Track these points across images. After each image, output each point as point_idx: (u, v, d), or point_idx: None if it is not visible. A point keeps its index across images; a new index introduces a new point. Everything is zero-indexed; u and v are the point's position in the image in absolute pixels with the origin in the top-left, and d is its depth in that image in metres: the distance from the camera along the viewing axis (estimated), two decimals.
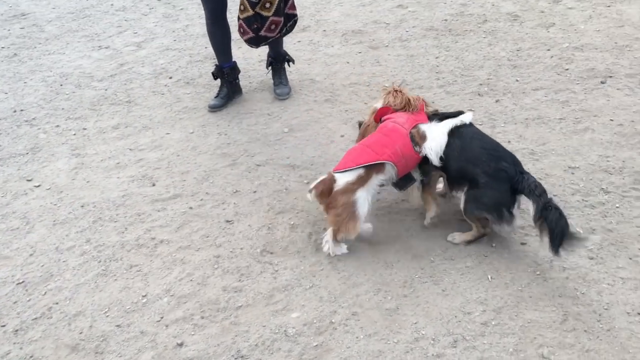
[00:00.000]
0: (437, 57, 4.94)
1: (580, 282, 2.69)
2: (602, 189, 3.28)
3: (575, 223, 3.02)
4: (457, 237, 2.99)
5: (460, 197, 2.90)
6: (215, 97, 4.47)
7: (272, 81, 4.64)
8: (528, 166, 3.47)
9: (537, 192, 2.66)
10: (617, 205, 3.15)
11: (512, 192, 2.75)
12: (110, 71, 5.19)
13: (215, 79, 4.49)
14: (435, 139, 2.90)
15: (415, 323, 2.56)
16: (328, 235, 2.92)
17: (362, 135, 3.22)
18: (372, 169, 2.85)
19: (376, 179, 2.89)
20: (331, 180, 2.87)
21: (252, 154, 3.89)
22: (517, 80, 4.48)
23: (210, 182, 3.62)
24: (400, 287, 2.75)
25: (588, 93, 4.23)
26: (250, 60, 5.16)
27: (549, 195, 2.70)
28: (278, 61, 4.57)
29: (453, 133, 2.90)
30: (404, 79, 4.51)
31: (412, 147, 2.90)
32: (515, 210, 2.78)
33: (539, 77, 4.49)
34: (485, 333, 2.49)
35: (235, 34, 4.31)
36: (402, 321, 2.58)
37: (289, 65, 4.64)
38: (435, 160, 2.88)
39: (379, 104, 3.16)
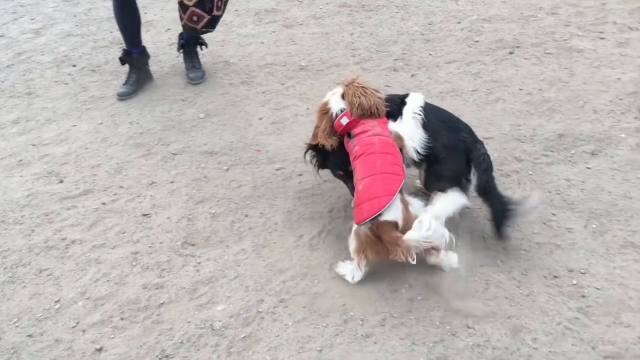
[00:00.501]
0: (351, 34, 4.91)
1: (499, 251, 2.76)
2: (516, 157, 3.38)
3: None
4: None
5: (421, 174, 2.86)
6: (124, 84, 4.24)
7: (184, 65, 4.45)
8: None
9: (483, 167, 2.69)
10: (530, 172, 3.25)
11: (468, 161, 2.74)
12: (7, 61, 4.80)
13: (123, 64, 4.26)
14: (413, 138, 2.71)
15: (344, 305, 2.55)
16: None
17: (314, 137, 2.84)
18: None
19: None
20: (389, 225, 2.47)
21: (168, 142, 3.72)
22: (430, 54, 4.53)
23: (124, 175, 3.43)
24: (327, 270, 2.73)
25: (498, 64, 4.34)
26: (160, 44, 4.93)
27: (494, 171, 2.74)
28: (190, 44, 4.39)
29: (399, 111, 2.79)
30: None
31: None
32: (471, 176, 2.75)
33: (451, 50, 4.56)
34: (412, 309, 2.51)
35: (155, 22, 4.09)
36: (330, 304, 2.55)
37: (201, 49, 4.46)
38: (416, 157, 2.73)
39: (336, 104, 2.74)
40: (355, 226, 2.58)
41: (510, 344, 2.34)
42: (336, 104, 2.74)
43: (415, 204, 2.56)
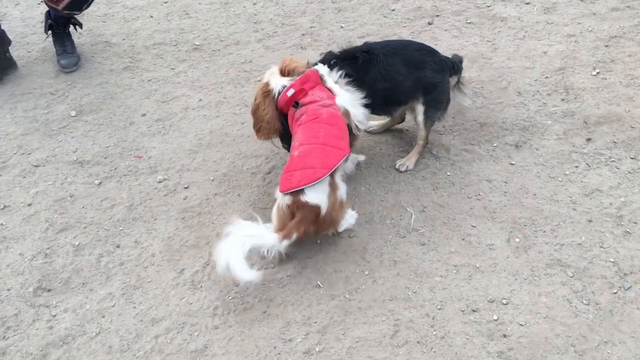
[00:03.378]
0: (254, 4, 4.32)
1: (412, 278, 2.38)
2: (433, 154, 2.98)
3: (406, 201, 2.70)
4: (406, 161, 2.86)
5: (417, 110, 2.79)
6: None
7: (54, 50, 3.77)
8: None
9: (456, 68, 2.83)
10: (448, 173, 2.87)
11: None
12: None
13: None
14: (355, 109, 2.58)
15: None
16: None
17: (255, 118, 2.61)
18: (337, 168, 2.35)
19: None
20: (309, 211, 2.27)
21: (29, 150, 3.11)
22: (342, 27, 4.03)
23: None
24: (209, 317, 2.28)
25: (415, 36, 3.88)
26: (30, 20, 4.20)
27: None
28: (60, 25, 3.70)
29: (363, 69, 2.63)
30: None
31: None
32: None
33: (365, 22, 4.06)
34: None
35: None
36: None
37: (75, 30, 3.78)
38: (365, 127, 2.73)
39: (278, 82, 2.54)
40: (279, 197, 2.33)
41: None
42: (278, 82, 2.54)
43: (342, 189, 2.38)
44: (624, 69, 3.41)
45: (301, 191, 2.23)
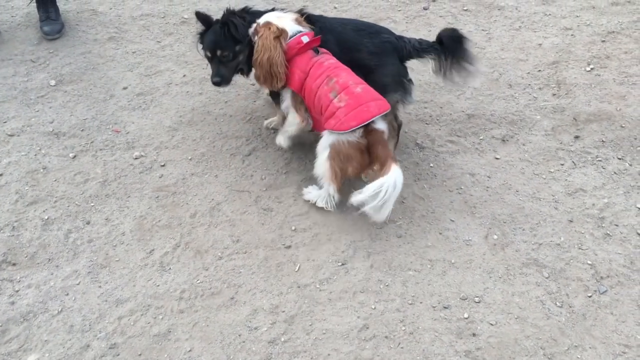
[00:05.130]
0: None
1: (385, 271, 2.33)
2: (418, 144, 2.92)
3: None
4: None
5: None
6: None
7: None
8: None
9: (424, 46, 2.58)
10: (431, 164, 2.80)
11: (400, 60, 2.60)
12: None
13: None
14: None
15: (190, 351, 2.07)
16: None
17: (266, 63, 2.44)
18: None
19: None
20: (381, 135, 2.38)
21: (4, 119, 3.04)
22: (335, 7, 3.93)
23: None
24: (175, 300, 2.23)
25: (410, 22, 3.79)
26: None
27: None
28: None
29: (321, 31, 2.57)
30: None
31: None
32: (410, 77, 2.65)
33: (359, 3, 3.96)
34: (272, 355, 2.05)
35: None
36: (173, 349, 2.07)
37: None
38: None
39: (293, 27, 2.49)
40: (329, 140, 2.37)
41: None
42: (294, 27, 2.49)
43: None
44: (619, 66, 3.34)
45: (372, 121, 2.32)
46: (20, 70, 3.35)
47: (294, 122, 2.57)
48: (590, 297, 2.23)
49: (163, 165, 2.80)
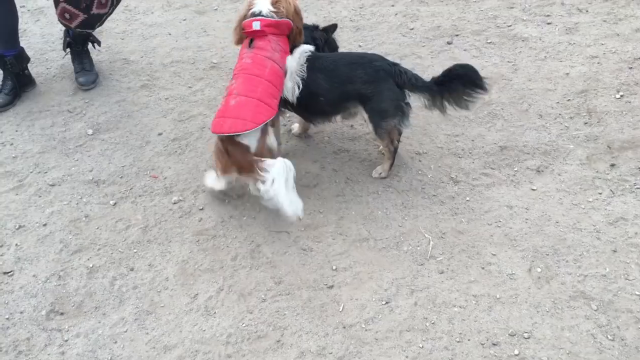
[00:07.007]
0: None
1: (430, 308, 2.32)
2: (452, 178, 2.93)
3: (424, 226, 2.65)
4: (380, 169, 2.90)
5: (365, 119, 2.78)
6: None
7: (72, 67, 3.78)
8: (374, 155, 3.04)
9: (419, 84, 2.65)
10: (468, 198, 2.81)
11: (397, 85, 2.67)
12: None
13: None
14: (292, 79, 2.73)
15: None
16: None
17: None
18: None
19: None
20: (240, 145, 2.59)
21: (45, 169, 3.11)
22: (360, 46, 4.00)
23: None
24: (222, 345, 2.24)
25: (434, 57, 3.84)
26: (50, 37, 4.23)
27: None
28: (78, 42, 3.71)
29: (313, 67, 2.72)
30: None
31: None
32: (409, 100, 2.72)
33: (383, 41, 4.03)
34: None
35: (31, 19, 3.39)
36: None
37: (93, 47, 3.79)
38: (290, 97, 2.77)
39: (263, 5, 2.70)
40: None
41: None
42: (263, 5, 2.67)
43: (272, 137, 2.65)
44: None
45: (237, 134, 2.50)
46: (57, 120, 3.45)
47: None
48: None
49: (202, 209, 2.84)
